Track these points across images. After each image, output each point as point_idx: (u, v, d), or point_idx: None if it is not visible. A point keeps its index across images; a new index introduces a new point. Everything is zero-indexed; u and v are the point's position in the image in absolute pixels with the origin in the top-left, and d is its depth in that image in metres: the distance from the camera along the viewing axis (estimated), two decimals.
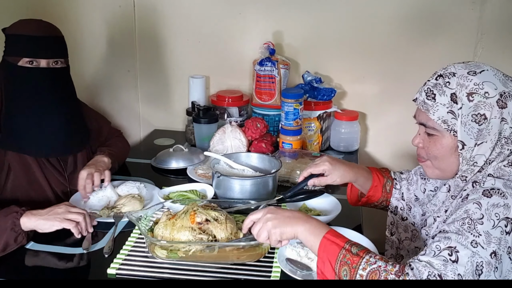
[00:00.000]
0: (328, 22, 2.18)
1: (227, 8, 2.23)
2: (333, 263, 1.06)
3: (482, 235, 1.00)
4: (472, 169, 1.14)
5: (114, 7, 2.28)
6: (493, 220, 1.01)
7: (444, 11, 2.09)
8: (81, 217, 1.40)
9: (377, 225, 1.65)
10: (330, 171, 1.44)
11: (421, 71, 2.12)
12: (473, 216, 1.03)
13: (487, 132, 1.10)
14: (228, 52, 2.29)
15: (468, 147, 1.12)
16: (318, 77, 2.15)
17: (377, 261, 1.03)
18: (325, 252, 1.08)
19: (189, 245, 1.27)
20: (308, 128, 2.10)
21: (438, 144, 1.16)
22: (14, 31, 1.55)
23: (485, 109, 1.09)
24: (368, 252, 1.06)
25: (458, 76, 1.12)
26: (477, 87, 1.10)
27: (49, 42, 1.56)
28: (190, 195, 1.58)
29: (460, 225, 1.03)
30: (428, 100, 1.15)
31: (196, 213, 1.32)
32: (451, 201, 1.19)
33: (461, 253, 0.98)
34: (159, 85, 2.39)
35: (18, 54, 1.53)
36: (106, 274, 1.26)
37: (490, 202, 1.04)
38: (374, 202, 1.50)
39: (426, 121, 1.17)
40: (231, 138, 1.98)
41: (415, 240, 1.34)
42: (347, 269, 1.04)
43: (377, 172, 1.50)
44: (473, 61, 1.18)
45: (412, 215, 1.40)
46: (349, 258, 1.05)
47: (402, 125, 2.24)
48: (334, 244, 1.08)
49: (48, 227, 1.37)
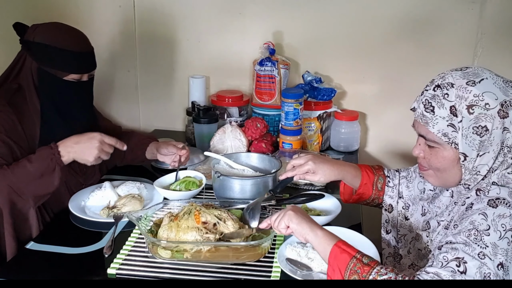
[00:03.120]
0: (328, 22, 2.18)
1: (227, 8, 2.23)
2: (342, 271, 1.07)
3: (489, 246, 0.99)
4: (475, 178, 1.13)
5: (114, 7, 2.28)
6: (500, 231, 1.01)
7: (444, 11, 2.09)
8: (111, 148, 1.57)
9: (377, 225, 1.64)
10: (314, 170, 1.45)
11: (421, 71, 2.14)
12: (480, 228, 1.02)
13: (489, 143, 1.09)
14: (228, 52, 2.29)
15: (470, 158, 1.11)
16: (318, 77, 2.15)
17: (388, 273, 1.02)
18: (335, 259, 1.09)
19: (197, 245, 1.27)
20: (308, 128, 2.10)
21: (439, 157, 1.15)
22: (55, 43, 1.53)
23: (486, 121, 1.07)
24: (378, 263, 1.06)
25: (456, 87, 1.10)
26: (477, 98, 1.07)
27: (91, 56, 1.62)
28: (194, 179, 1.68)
29: (466, 236, 1.02)
30: (427, 112, 1.13)
31: (201, 213, 1.33)
32: (454, 207, 1.19)
33: (469, 264, 0.98)
34: (159, 85, 2.39)
35: (68, 70, 1.56)
36: (106, 274, 1.26)
37: (496, 213, 1.03)
38: (366, 200, 1.50)
39: (426, 134, 1.15)
40: (231, 138, 1.98)
41: (418, 239, 1.34)
42: (356, 278, 1.04)
43: (367, 170, 1.49)
44: (471, 67, 1.14)
45: (410, 213, 1.40)
46: (359, 267, 1.05)
47: (402, 125, 2.23)
48: (345, 253, 1.09)
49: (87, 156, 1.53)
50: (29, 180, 1.46)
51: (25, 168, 1.45)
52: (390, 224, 1.46)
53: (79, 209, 1.56)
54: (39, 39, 1.53)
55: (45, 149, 1.50)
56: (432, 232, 1.26)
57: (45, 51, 1.53)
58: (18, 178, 1.44)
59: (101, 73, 2.37)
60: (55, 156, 1.49)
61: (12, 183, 1.44)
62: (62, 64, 1.55)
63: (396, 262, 1.40)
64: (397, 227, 1.44)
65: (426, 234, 1.29)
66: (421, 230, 1.32)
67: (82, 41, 1.60)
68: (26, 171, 1.45)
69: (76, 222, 1.52)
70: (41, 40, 1.53)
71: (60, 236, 1.45)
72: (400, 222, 1.43)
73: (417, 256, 1.33)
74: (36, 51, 1.54)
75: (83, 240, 1.41)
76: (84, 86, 1.63)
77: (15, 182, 1.44)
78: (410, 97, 1.23)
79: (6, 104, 1.52)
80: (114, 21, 2.29)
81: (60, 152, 1.50)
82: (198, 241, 1.29)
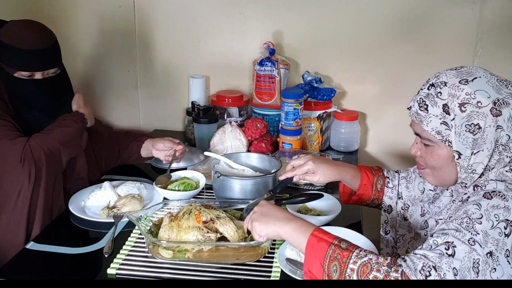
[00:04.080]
0: (328, 22, 2.18)
1: (227, 8, 2.23)
2: (321, 260, 1.04)
3: (480, 234, 0.99)
4: (472, 176, 1.13)
5: (114, 7, 2.28)
6: (492, 220, 1.01)
7: (444, 11, 2.09)
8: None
9: (377, 225, 1.64)
10: (313, 170, 1.45)
11: (421, 71, 2.12)
12: (472, 216, 1.02)
13: (483, 141, 1.09)
14: (228, 52, 2.29)
15: (465, 156, 1.11)
16: (318, 77, 2.15)
17: (368, 254, 1.02)
18: (313, 249, 1.06)
19: (199, 245, 1.27)
20: (308, 128, 2.10)
21: (434, 155, 1.16)
22: (8, 40, 1.53)
23: (479, 118, 1.08)
24: (357, 247, 1.05)
25: (449, 85, 1.11)
26: (469, 97, 1.08)
27: (45, 54, 1.57)
28: (191, 182, 1.68)
29: (458, 223, 1.02)
30: (421, 111, 1.14)
31: (201, 212, 1.33)
32: (452, 205, 1.19)
33: (458, 248, 0.98)
34: (159, 85, 2.39)
35: (14, 67, 1.55)
36: (106, 274, 1.26)
37: (490, 204, 1.03)
38: (365, 200, 1.50)
39: (421, 132, 1.16)
40: (231, 138, 1.99)
41: (417, 238, 1.34)
42: (337, 264, 1.02)
43: (367, 171, 1.50)
44: (466, 66, 1.15)
45: (409, 214, 1.40)
46: (338, 253, 1.03)
47: (402, 125, 2.21)
48: (322, 241, 1.06)
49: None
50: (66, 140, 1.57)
51: (63, 129, 1.58)
52: (389, 224, 1.46)
53: (79, 209, 1.55)
54: (1, 37, 1.55)
55: (73, 114, 1.63)
56: (430, 231, 1.26)
57: (1, 48, 1.54)
58: (57, 138, 1.55)
59: (101, 73, 2.39)
60: (82, 120, 1.63)
61: (51, 145, 1.53)
62: (10, 60, 1.54)
63: (389, 256, 1.40)
64: (395, 228, 1.44)
65: (424, 233, 1.29)
66: (419, 229, 1.33)
67: (37, 38, 1.55)
68: (64, 131, 1.58)
69: (76, 222, 1.52)
70: (2, 38, 1.54)
71: (60, 236, 1.45)
72: (399, 222, 1.43)
73: None
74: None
75: (83, 240, 1.41)
76: (40, 84, 1.58)
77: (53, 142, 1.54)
78: (410, 97, 1.23)
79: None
80: (114, 21, 2.30)
81: (85, 116, 1.65)
82: (198, 241, 1.29)
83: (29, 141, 1.49)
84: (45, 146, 1.51)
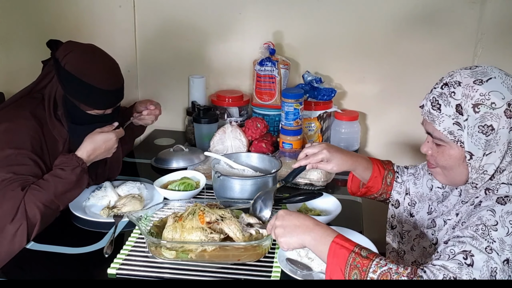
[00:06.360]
0: (328, 22, 2.18)
1: (227, 8, 2.23)
2: (343, 268, 1.04)
3: (496, 241, 0.99)
4: (482, 177, 1.12)
5: (114, 7, 2.28)
6: (507, 227, 1.00)
7: (444, 11, 2.09)
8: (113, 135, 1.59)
9: (377, 226, 1.65)
10: (328, 159, 1.43)
11: (421, 71, 2.14)
12: (487, 223, 1.02)
13: (495, 142, 1.08)
14: (228, 52, 2.29)
15: (477, 157, 1.10)
16: (318, 77, 2.15)
17: (388, 264, 1.01)
18: (334, 257, 1.06)
19: (201, 245, 1.27)
20: (308, 128, 2.10)
21: (446, 155, 1.15)
22: (83, 76, 1.49)
23: (492, 120, 1.07)
24: (377, 255, 1.05)
25: (463, 85, 1.09)
26: (483, 97, 1.07)
27: (119, 93, 1.59)
28: (191, 181, 1.68)
29: (474, 230, 1.01)
30: (434, 110, 1.13)
31: (205, 213, 1.33)
32: (461, 206, 1.19)
33: (477, 257, 0.97)
34: (159, 85, 2.39)
35: (90, 106, 1.54)
36: (106, 274, 1.26)
37: (504, 210, 1.03)
38: (373, 194, 1.49)
39: (433, 131, 1.15)
40: (231, 138, 1.98)
41: (423, 237, 1.34)
42: (357, 272, 1.02)
43: (378, 164, 1.49)
44: (481, 66, 1.13)
45: (415, 211, 1.40)
46: (359, 262, 1.03)
47: (402, 125, 2.24)
48: (343, 248, 1.06)
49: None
50: (64, 191, 1.48)
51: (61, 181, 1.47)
52: (395, 219, 1.45)
53: (79, 209, 1.55)
54: (69, 67, 1.50)
55: (70, 158, 1.51)
56: (438, 231, 1.26)
57: (72, 82, 1.50)
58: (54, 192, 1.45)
59: None
60: (80, 164, 1.51)
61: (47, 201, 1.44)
62: (86, 100, 1.53)
63: (400, 257, 1.41)
64: (402, 223, 1.43)
65: (431, 232, 1.29)
66: (426, 228, 1.32)
67: (113, 77, 1.57)
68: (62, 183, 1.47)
69: (76, 222, 1.52)
70: (70, 70, 1.49)
71: (60, 236, 1.45)
72: (405, 218, 1.42)
73: (421, 254, 1.33)
74: (63, 78, 1.51)
75: (83, 240, 1.41)
76: (106, 117, 1.61)
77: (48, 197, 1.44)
78: (410, 97, 1.23)
79: (31, 117, 1.52)
80: (114, 21, 2.29)
81: (83, 160, 1.53)
82: (199, 241, 1.28)
83: (25, 198, 1.41)
84: (40, 204, 1.42)
